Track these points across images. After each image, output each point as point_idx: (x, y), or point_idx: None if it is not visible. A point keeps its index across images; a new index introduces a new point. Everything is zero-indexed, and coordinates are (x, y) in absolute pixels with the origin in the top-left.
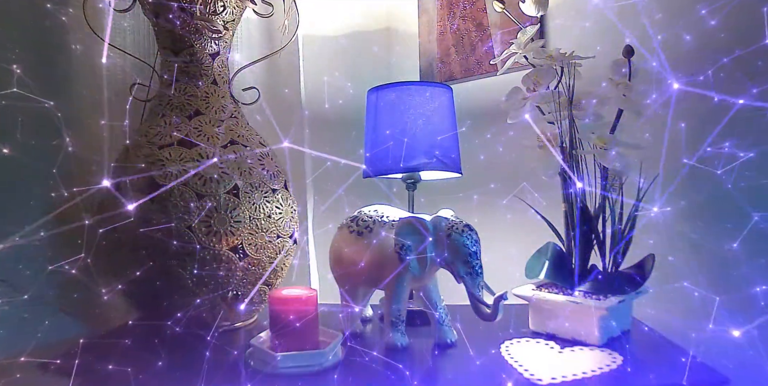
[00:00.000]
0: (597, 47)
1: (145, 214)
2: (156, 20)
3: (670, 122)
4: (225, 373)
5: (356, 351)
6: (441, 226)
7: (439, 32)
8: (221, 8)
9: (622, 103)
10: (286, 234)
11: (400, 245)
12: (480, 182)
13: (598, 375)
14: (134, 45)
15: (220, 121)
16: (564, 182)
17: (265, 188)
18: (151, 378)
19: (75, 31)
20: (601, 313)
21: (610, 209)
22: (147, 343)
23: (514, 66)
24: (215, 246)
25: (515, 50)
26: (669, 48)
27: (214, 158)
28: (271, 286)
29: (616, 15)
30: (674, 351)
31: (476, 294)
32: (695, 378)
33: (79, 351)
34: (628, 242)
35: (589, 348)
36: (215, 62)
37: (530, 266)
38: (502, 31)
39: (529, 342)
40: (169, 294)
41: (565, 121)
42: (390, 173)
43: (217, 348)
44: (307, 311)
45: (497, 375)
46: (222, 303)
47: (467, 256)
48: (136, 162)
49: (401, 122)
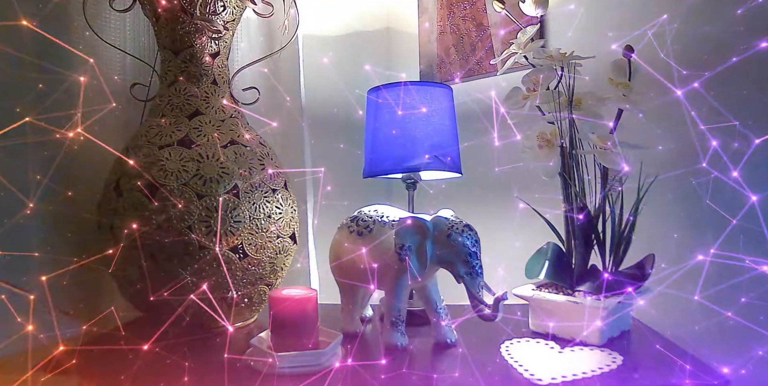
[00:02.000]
0: (597, 47)
1: (145, 214)
2: (156, 20)
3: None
4: (225, 373)
5: (356, 351)
6: (441, 226)
7: (439, 32)
8: (221, 8)
9: (622, 103)
10: (286, 234)
11: (400, 245)
12: (480, 182)
13: (598, 375)
14: (134, 45)
15: (220, 121)
16: (564, 182)
17: (265, 188)
18: (151, 378)
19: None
20: (601, 313)
21: (610, 209)
22: (146, 343)
23: (514, 66)
24: (215, 246)
25: (515, 50)
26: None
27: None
28: (271, 286)
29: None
30: (674, 351)
31: (476, 293)
32: (695, 378)
33: (78, 351)
34: (628, 242)
35: (589, 348)
36: (215, 62)
37: (530, 266)
38: (502, 31)
39: (529, 342)
40: (168, 294)
41: (565, 121)
42: (390, 173)
43: (217, 348)
44: (307, 311)
45: (497, 375)
46: (222, 302)
47: (467, 256)
48: (136, 162)
49: (401, 122)
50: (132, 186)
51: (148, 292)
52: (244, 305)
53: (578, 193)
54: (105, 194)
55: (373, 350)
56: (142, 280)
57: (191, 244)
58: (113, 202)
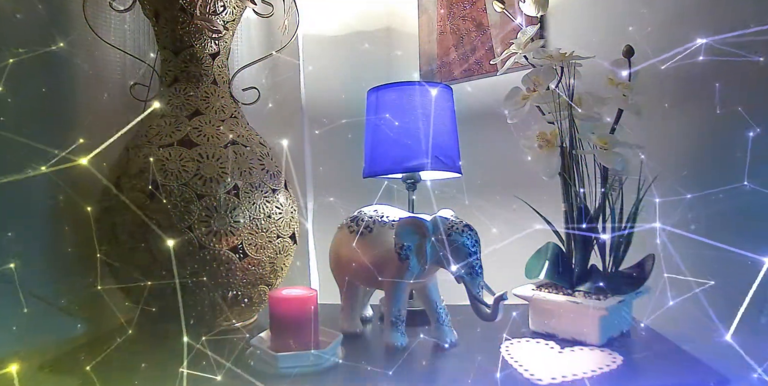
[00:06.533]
0: (597, 47)
1: (145, 214)
2: (156, 20)
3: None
4: (225, 373)
5: (356, 351)
6: (441, 226)
7: (439, 32)
8: (221, 8)
9: (622, 103)
10: (286, 234)
11: (400, 245)
12: (480, 182)
13: (598, 375)
14: (134, 45)
15: (220, 121)
16: (564, 182)
17: (265, 188)
18: (151, 378)
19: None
20: (601, 313)
21: (610, 209)
22: (146, 343)
23: (514, 66)
24: (215, 246)
25: (515, 50)
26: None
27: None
28: (271, 286)
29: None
30: (674, 351)
31: (476, 293)
32: (695, 378)
33: (77, 351)
34: (628, 242)
35: (589, 348)
36: (215, 62)
37: (530, 266)
38: (502, 32)
39: (529, 342)
40: (168, 295)
41: (565, 121)
42: (390, 173)
43: (217, 348)
44: (307, 311)
45: (497, 375)
46: (222, 302)
47: (467, 256)
48: (136, 162)
49: (401, 122)
50: (132, 186)
51: (147, 292)
52: (244, 305)
53: (578, 193)
54: (105, 193)
55: (373, 350)
56: (141, 280)
57: (191, 244)
58: (113, 201)
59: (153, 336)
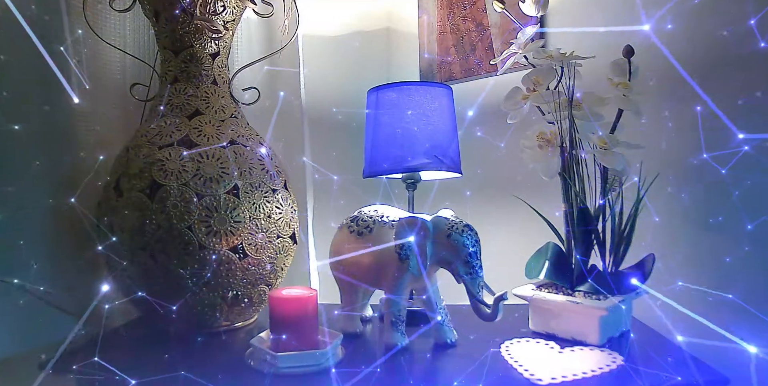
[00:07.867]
0: (597, 47)
1: (145, 214)
2: (156, 20)
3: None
4: (225, 373)
5: (356, 351)
6: (441, 226)
7: (439, 32)
8: (221, 8)
9: (622, 103)
10: (286, 234)
11: (400, 245)
12: (480, 182)
13: (598, 375)
14: (134, 45)
15: (220, 121)
16: (564, 182)
17: (265, 188)
18: (151, 378)
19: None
20: (601, 313)
21: (610, 209)
22: (146, 343)
23: (514, 66)
24: (215, 246)
25: (515, 50)
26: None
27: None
28: (271, 286)
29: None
30: (674, 352)
31: (476, 293)
32: (695, 378)
33: (78, 351)
34: (628, 242)
35: (589, 348)
36: (215, 62)
37: (530, 266)
38: (502, 32)
39: (529, 342)
40: (168, 294)
41: (565, 121)
42: (390, 173)
43: (217, 348)
44: (307, 311)
45: (497, 375)
46: (222, 302)
47: (467, 256)
48: (136, 162)
49: (401, 122)
50: (132, 186)
51: (147, 292)
52: (244, 305)
53: (578, 193)
54: (105, 194)
55: (373, 350)
56: (141, 280)
57: (191, 244)
58: (113, 202)
59: (153, 336)
